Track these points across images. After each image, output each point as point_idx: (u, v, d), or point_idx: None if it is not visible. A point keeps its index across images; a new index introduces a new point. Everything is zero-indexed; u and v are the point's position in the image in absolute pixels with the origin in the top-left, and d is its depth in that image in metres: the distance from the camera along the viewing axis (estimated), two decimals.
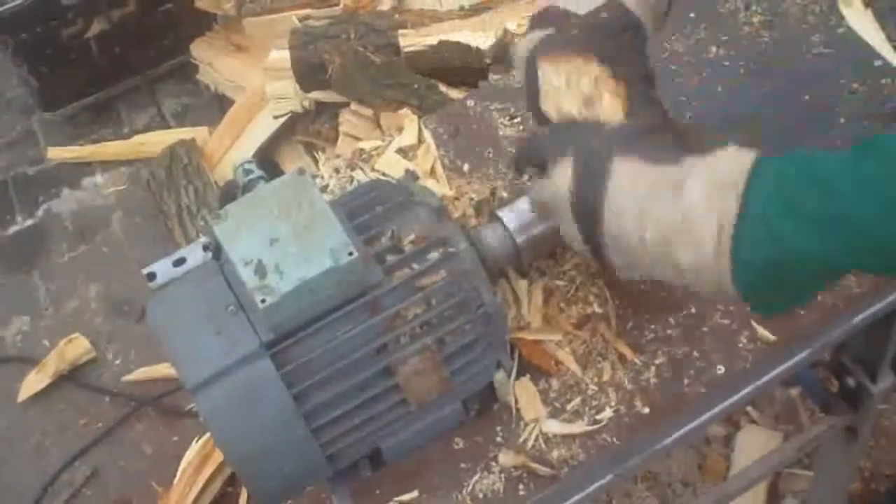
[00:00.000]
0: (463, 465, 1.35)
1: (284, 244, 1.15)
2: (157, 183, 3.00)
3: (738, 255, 0.92)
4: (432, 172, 1.63)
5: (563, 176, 1.10)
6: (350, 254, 1.14)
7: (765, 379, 1.43)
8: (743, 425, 2.66)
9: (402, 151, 1.67)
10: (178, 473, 1.61)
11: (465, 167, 1.63)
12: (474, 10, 3.04)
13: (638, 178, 1.02)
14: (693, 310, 1.43)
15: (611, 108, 1.13)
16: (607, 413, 1.36)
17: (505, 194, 1.56)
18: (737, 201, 0.90)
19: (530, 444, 1.36)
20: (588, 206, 1.07)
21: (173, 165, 2.99)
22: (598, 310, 1.43)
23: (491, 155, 1.64)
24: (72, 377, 2.39)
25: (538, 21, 1.25)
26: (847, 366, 1.88)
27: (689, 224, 0.94)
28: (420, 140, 1.69)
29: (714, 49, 1.68)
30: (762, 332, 1.40)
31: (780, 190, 0.89)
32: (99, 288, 2.86)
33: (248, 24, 3.23)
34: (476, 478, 1.34)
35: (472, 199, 1.56)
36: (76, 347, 2.55)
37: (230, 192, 1.30)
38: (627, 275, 1.10)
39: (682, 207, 0.95)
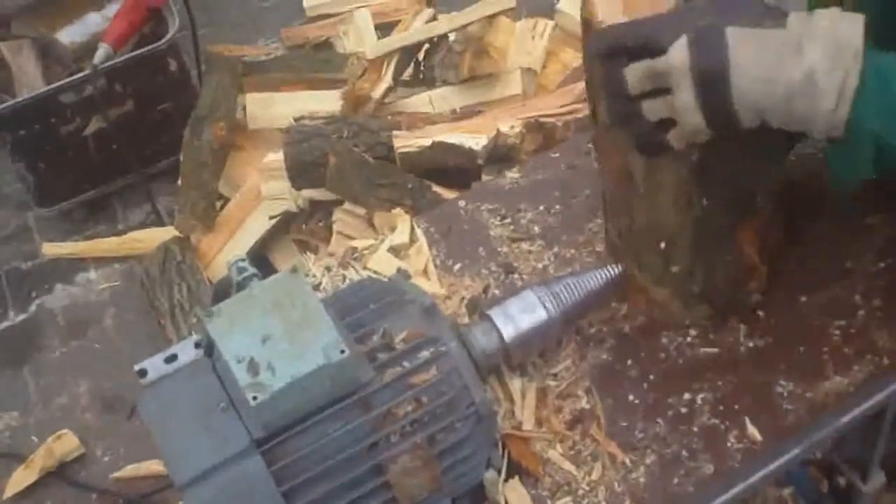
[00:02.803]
0: None
1: (277, 342, 1.17)
2: (150, 280, 3.01)
3: (856, 107, 1.06)
4: (424, 271, 1.65)
5: (679, 51, 1.11)
6: (342, 352, 1.16)
7: (754, 478, 1.42)
8: None
9: (394, 250, 1.70)
10: None
11: (457, 266, 1.65)
12: (466, 113, 3.10)
13: (755, 44, 1.09)
14: (683, 410, 1.43)
15: None
16: None
17: (497, 292, 1.58)
18: (855, 60, 1.05)
19: None
20: (713, 75, 1.09)
21: (167, 263, 3.00)
22: (586, 405, 1.44)
23: (483, 253, 1.66)
24: (59, 474, 2.37)
25: None
26: (838, 465, 1.87)
27: (812, 83, 1.06)
28: (412, 240, 1.71)
29: None
30: (751, 430, 1.41)
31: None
32: (89, 384, 2.85)
33: (251, 119, 3.29)
34: None
35: (463, 297, 1.58)
36: (65, 444, 2.53)
37: (223, 290, 1.31)
38: (748, 122, 1.13)
39: (804, 68, 1.06)
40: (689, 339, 1.51)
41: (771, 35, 1.09)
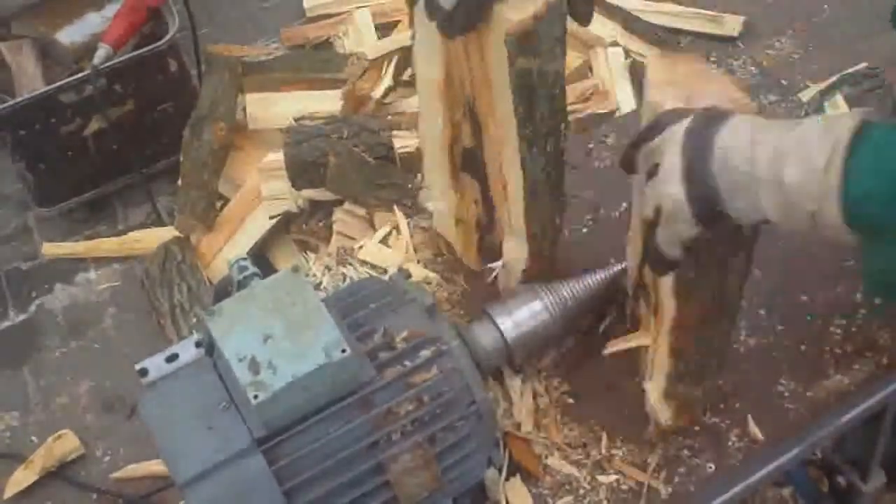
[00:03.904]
0: None
1: (278, 341, 1.17)
2: (150, 280, 3.00)
3: (849, 168, 0.97)
4: (406, 253, 1.70)
5: (681, 126, 1.09)
6: (343, 351, 1.16)
7: (755, 477, 1.43)
8: None
9: (383, 242, 1.75)
10: None
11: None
12: None
13: (754, 122, 1.07)
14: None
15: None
16: None
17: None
18: (851, 127, 0.98)
19: None
20: (701, 141, 1.06)
21: (167, 263, 3.00)
22: (586, 408, 1.45)
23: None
24: (59, 474, 2.37)
25: None
26: (838, 465, 1.87)
27: (803, 143, 1.00)
28: (397, 230, 1.76)
29: None
30: (752, 429, 1.41)
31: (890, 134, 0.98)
32: (90, 384, 2.84)
33: (251, 120, 3.29)
34: None
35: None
36: (65, 444, 2.54)
37: (224, 290, 1.31)
38: (736, 203, 1.07)
39: (796, 133, 1.02)
40: None
41: (768, 120, 1.07)
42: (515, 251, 1.49)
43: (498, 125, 1.35)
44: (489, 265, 1.56)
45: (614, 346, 1.43)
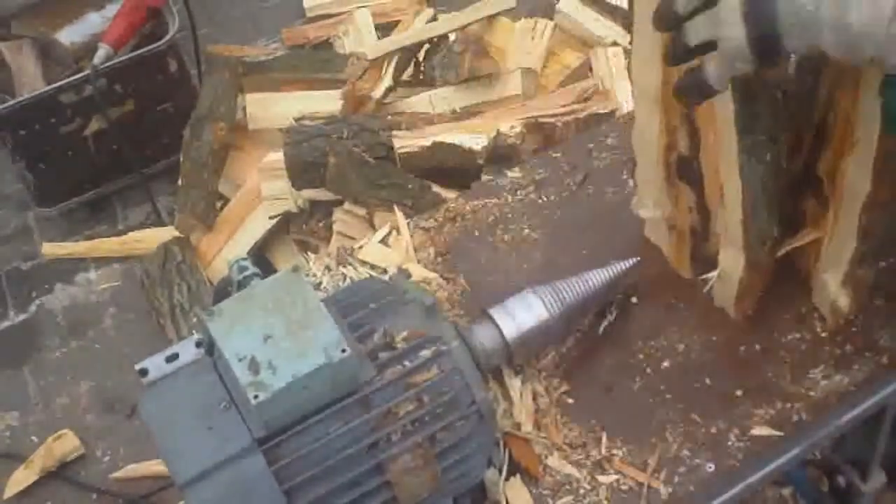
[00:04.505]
0: None
1: (278, 341, 1.17)
2: (150, 280, 3.01)
3: None
4: (406, 253, 1.68)
5: None
6: (343, 351, 1.16)
7: (755, 477, 1.43)
8: None
9: (383, 242, 1.74)
10: None
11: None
12: (466, 113, 3.10)
13: None
14: (683, 408, 1.44)
15: None
16: None
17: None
18: None
19: None
20: None
21: (167, 263, 3.00)
22: (584, 410, 1.45)
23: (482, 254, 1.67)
24: (59, 474, 2.38)
25: None
26: (838, 465, 1.87)
27: None
28: (398, 230, 1.74)
29: None
30: (752, 429, 1.41)
31: None
32: (90, 384, 2.85)
33: (251, 120, 3.29)
34: None
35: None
36: (65, 444, 2.54)
37: (224, 290, 1.31)
38: (794, 41, 1.07)
39: None
40: (688, 339, 1.51)
41: None
42: (731, 261, 1.46)
43: (717, 133, 1.33)
44: (703, 276, 1.51)
45: (788, 246, 1.45)
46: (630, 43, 1.42)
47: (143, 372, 1.23)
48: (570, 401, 1.47)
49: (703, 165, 1.43)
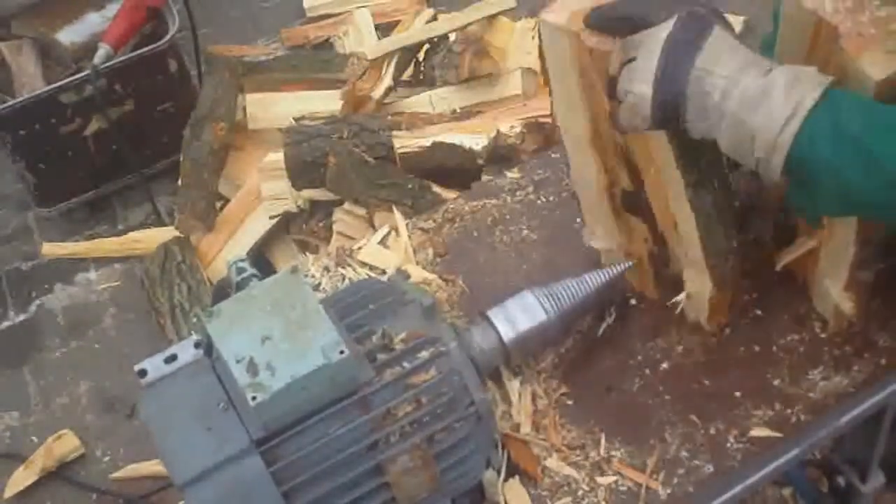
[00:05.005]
0: None
1: (276, 342, 1.17)
2: (150, 280, 3.01)
3: (805, 128, 1.06)
4: (405, 253, 1.68)
5: (663, 28, 1.12)
6: (341, 352, 1.16)
7: (754, 478, 1.43)
8: None
9: (382, 243, 1.74)
10: None
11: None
12: (466, 113, 3.10)
13: (732, 49, 1.12)
14: (682, 408, 1.44)
15: None
16: None
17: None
18: (816, 91, 1.06)
19: None
20: (683, 46, 1.11)
21: (167, 263, 3.00)
22: (584, 414, 1.45)
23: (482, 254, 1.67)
24: (59, 474, 2.38)
25: None
26: (837, 465, 1.87)
27: (769, 94, 1.08)
28: (397, 231, 1.74)
29: None
30: (751, 430, 1.41)
31: (852, 100, 1.09)
32: (90, 384, 2.85)
33: (251, 120, 3.29)
34: None
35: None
36: (65, 444, 2.54)
37: (223, 290, 1.31)
38: (692, 120, 1.13)
39: (767, 81, 1.09)
40: (686, 341, 1.51)
41: (747, 52, 1.12)
42: (697, 281, 1.45)
43: (659, 172, 1.32)
44: (673, 300, 1.49)
45: (786, 258, 1.47)
46: (549, 93, 1.41)
47: (142, 373, 1.23)
48: (569, 402, 1.47)
49: (650, 198, 1.41)
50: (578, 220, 1.63)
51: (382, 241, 1.72)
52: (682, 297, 1.49)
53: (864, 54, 1.12)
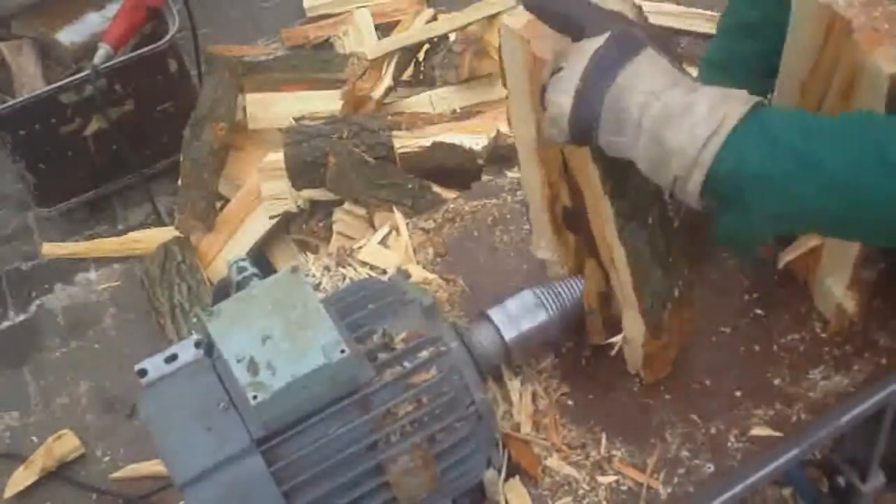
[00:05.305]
0: None
1: (277, 341, 1.17)
2: (150, 280, 3.01)
3: (727, 145, 1.01)
4: (405, 253, 1.68)
5: (593, 43, 1.09)
6: (342, 351, 1.16)
7: (754, 478, 1.43)
8: None
9: (382, 242, 1.74)
10: None
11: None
12: (466, 113, 3.10)
13: (660, 69, 1.08)
14: (682, 408, 1.44)
15: None
16: None
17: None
18: (744, 107, 1.02)
19: None
20: (605, 68, 1.08)
21: (167, 263, 3.00)
22: (584, 414, 1.44)
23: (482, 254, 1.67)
24: (59, 474, 2.38)
25: None
26: (837, 465, 1.87)
27: (691, 112, 1.03)
28: (397, 231, 1.74)
29: None
30: (751, 430, 1.41)
31: (782, 112, 1.06)
32: (90, 384, 2.85)
33: (251, 120, 3.30)
34: None
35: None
36: (65, 444, 2.54)
37: (223, 290, 1.31)
38: (608, 136, 1.09)
39: (689, 100, 1.04)
40: (686, 339, 1.51)
41: (677, 73, 1.09)
42: (633, 325, 1.37)
43: (592, 194, 1.26)
44: (609, 340, 1.43)
45: (787, 257, 1.46)
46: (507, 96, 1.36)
47: (143, 372, 1.23)
48: (570, 402, 1.47)
49: (591, 219, 1.33)
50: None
51: (383, 241, 1.72)
52: (618, 338, 1.42)
53: (877, 49, 1.10)
